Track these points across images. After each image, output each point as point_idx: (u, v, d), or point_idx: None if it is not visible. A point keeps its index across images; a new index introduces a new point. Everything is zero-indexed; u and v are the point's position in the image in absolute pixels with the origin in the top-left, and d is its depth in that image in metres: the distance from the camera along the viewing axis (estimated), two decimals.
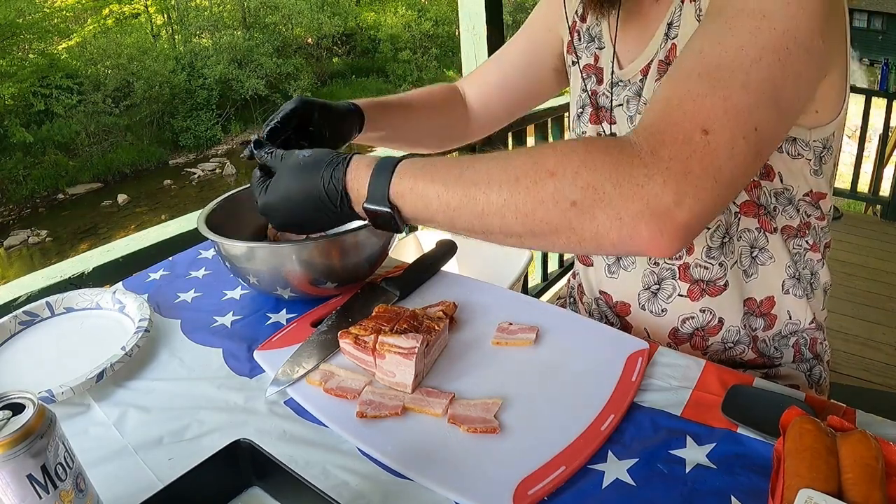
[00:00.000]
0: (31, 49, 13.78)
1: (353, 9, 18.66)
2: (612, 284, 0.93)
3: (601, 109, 0.91)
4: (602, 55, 0.91)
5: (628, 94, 0.86)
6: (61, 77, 13.37)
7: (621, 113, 0.87)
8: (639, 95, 0.84)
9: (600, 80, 0.91)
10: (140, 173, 13.90)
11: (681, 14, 0.77)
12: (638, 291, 0.89)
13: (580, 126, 0.96)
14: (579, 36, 0.95)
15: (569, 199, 0.55)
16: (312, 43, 17.81)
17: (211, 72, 15.23)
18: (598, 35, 0.91)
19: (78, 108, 13.34)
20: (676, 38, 0.77)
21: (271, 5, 16.67)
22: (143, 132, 14.51)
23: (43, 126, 13.04)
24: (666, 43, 0.79)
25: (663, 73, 0.78)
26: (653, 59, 0.81)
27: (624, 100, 0.87)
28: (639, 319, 0.91)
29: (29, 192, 12.46)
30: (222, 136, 15.24)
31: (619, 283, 0.92)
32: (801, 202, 0.81)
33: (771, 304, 0.85)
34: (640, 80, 0.83)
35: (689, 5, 0.76)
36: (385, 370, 0.69)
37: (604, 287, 0.95)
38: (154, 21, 16.55)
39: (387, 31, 18.68)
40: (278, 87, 16.13)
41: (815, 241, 0.84)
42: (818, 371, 0.89)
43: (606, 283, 0.94)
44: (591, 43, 0.93)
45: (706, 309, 0.85)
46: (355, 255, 0.85)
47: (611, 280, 0.93)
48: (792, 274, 0.83)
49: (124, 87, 14.30)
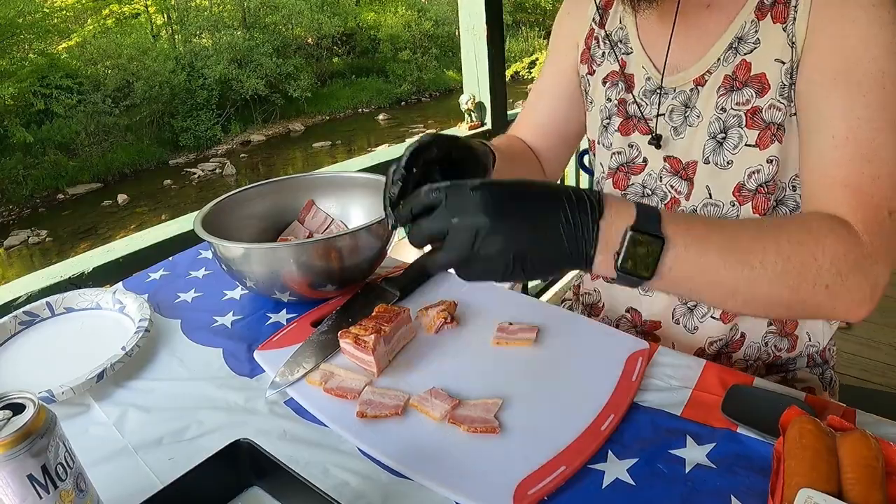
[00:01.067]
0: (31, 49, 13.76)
1: (353, 9, 18.64)
2: (646, 302, 0.91)
3: (632, 119, 0.87)
4: (630, 60, 0.87)
5: (673, 104, 0.82)
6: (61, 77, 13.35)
7: (664, 123, 0.83)
8: (686, 106, 0.81)
9: (630, 87, 0.87)
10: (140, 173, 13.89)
11: (757, 31, 0.74)
12: (674, 307, 0.88)
13: (607, 137, 0.91)
14: (597, 42, 0.91)
15: (825, 282, 0.60)
16: (312, 43, 17.80)
17: (211, 72, 15.21)
18: (624, 39, 0.87)
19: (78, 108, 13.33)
20: (752, 56, 0.74)
21: (271, 5, 16.66)
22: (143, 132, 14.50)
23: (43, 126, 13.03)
24: (735, 58, 0.75)
25: (730, 88, 0.76)
26: (710, 71, 0.78)
27: (667, 109, 0.83)
28: (668, 334, 0.90)
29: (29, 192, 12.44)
30: (222, 136, 15.22)
31: (653, 301, 0.90)
32: None
33: (794, 326, 0.86)
34: (692, 89, 0.80)
35: (771, 26, 0.72)
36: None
37: (634, 304, 0.92)
38: (154, 21, 16.53)
39: (387, 31, 18.66)
40: (278, 87, 16.10)
41: None
42: (829, 375, 0.91)
43: (637, 301, 0.92)
44: (614, 48, 0.88)
45: (734, 327, 0.86)
46: (354, 256, 0.85)
47: (645, 298, 0.91)
48: None
49: (124, 87, 14.28)
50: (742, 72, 0.75)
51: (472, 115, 2.36)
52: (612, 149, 0.91)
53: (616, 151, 0.90)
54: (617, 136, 0.89)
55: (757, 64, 0.74)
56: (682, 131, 0.82)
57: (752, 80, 0.75)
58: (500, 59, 2.33)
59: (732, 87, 0.76)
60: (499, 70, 2.34)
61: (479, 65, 2.31)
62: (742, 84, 0.75)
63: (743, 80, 0.75)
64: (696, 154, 0.81)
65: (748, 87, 0.75)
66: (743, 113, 0.76)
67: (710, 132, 0.79)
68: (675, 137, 0.83)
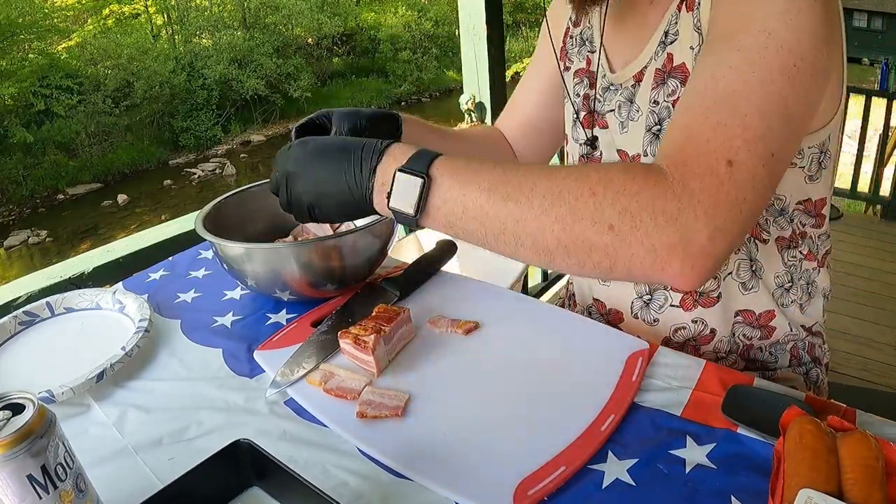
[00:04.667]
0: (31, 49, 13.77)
1: (353, 9, 18.65)
2: (605, 292, 0.93)
3: (594, 114, 0.90)
4: (594, 59, 0.90)
5: (620, 100, 0.84)
6: (61, 77, 13.36)
7: (613, 118, 0.86)
8: (630, 101, 0.82)
9: (592, 83, 0.90)
10: (140, 173, 13.90)
11: (677, 23, 0.75)
12: (631, 300, 0.89)
13: (575, 132, 0.94)
14: (573, 41, 0.94)
15: (607, 221, 0.55)
16: (312, 43, 17.80)
17: (211, 72, 15.22)
18: (590, 38, 0.90)
19: (78, 108, 13.34)
20: (673, 47, 0.76)
21: (271, 5, 16.66)
22: (143, 132, 14.51)
23: (43, 126, 13.04)
24: (662, 51, 0.77)
25: (660, 82, 0.77)
26: (647, 66, 0.79)
27: (616, 105, 0.85)
28: (631, 328, 0.90)
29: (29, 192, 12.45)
30: (222, 136, 15.23)
31: (612, 291, 0.92)
32: (795, 212, 0.80)
33: (767, 314, 0.84)
34: (633, 85, 0.82)
35: (685, 15, 0.74)
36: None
37: (596, 294, 0.95)
38: (154, 21, 16.54)
39: (387, 31, 18.67)
40: (278, 87, 16.11)
41: (810, 249, 0.83)
42: (815, 374, 0.89)
43: (599, 291, 0.94)
44: (582, 47, 0.92)
45: (698, 319, 0.85)
46: (355, 256, 0.85)
47: (603, 288, 0.93)
48: (788, 286, 0.83)
49: (124, 87, 14.29)
50: (668, 64, 0.76)
51: (472, 115, 2.36)
52: (579, 141, 0.94)
53: (581, 143, 0.94)
54: (580, 129, 0.92)
55: (678, 55, 0.75)
56: (626, 125, 0.84)
57: (675, 70, 0.75)
58: (500, 59, 2.33)
59: (663, 80, 0.77)
60: (499, 70, 2.34)
61: (479, 65, 2.31)
62: (668, 76, 0.76)
63: (668, 72, 0.76)
64: (638, 147, 0.82)
65: (673, 78, 0.76)
66: (671, 104, 0.76)
67: (646, 125, 0.80)
68: (622, 131, 0.85)
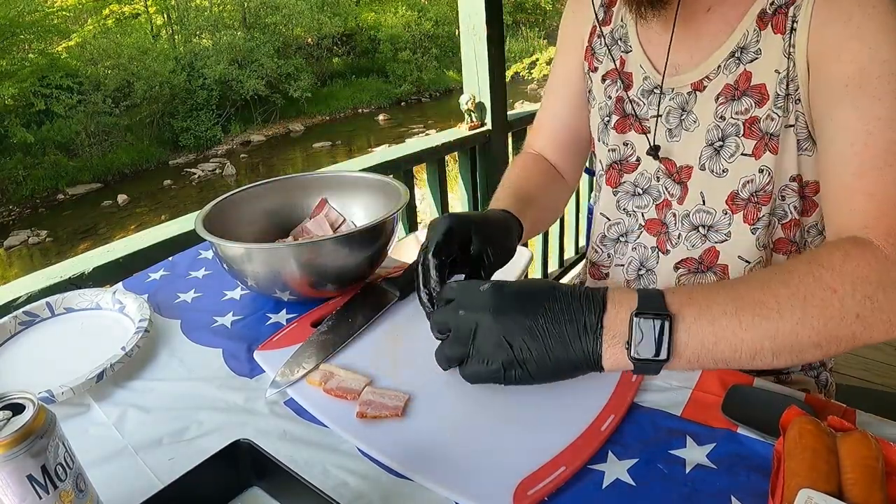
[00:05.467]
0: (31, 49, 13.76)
1: (353, 9, 18.63)
2: None
3: (628, 117, 0.87)
4: (629, 59, 0.87)
5: (670, 106, 0.82)
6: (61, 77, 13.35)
7: (660, 125, 0.83)
8: (683, 109, 0.80)
9: (628, 85, 0.87)
10: (140, 173, 13.88)
11: (759, 41, 0.73)
12: None
13: (605, 135, 0.91)
14: (601, 41, 0.91)
15: (854, 312, 0.56)
16: (312, 43, 17.79)
17: (211, 72, 15.20)
18: (624, 38, 0.88)
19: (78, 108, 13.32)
20: (753, 66, 0.74)
21: (271, 5, 16.65)
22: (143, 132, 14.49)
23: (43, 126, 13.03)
24: (737, 67, 0.75)
25: (730, 98, 0.76)
26: (711, 77, 0.77)
27: (664, 110, 0.82)
28: None
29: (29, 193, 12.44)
30: (222, 136, 15.21)
31: None
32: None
33: None
34: (689, 93, 0.80)
35: (772, 36, 0.72)
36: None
37: None
38: (154, 21, 16.52)
39: (387, 31, 18.65)
40: (278, 87, 16.10)
41: None
42: (825, 377, 0.90)
43: None
44: (614, 46, 0.89)
45: None
46: (355, 256, 0.85)
47: None
48: None
49: (124, 87, 14.28)
50: (743, 81, 0.75)
51: (472, 116, 2.36)
52: (609, 146, 0.91)
53: (611, 149, 0.91)
54: (613, 133, 0.90)
55: (757, 74, 0.74)
56: (676, 134, 0.82)
57: (751, 89, 0.74)
58: (500, 59, 2.34)
59: (733, 97, 0.76)
60: (499, 70, 2.34)
61: (479, 65, 2.31)
62: (742, 93, 0.75)
63: (743, 90, 0.75)
64: (691, 159, 0.81)
65: (748, 96, 0.75)
66: (741, 122, 0.75)
67: (707, 139, 0.79)
68: (670, 140, 0.83)
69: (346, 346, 0.77)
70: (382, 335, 0.80)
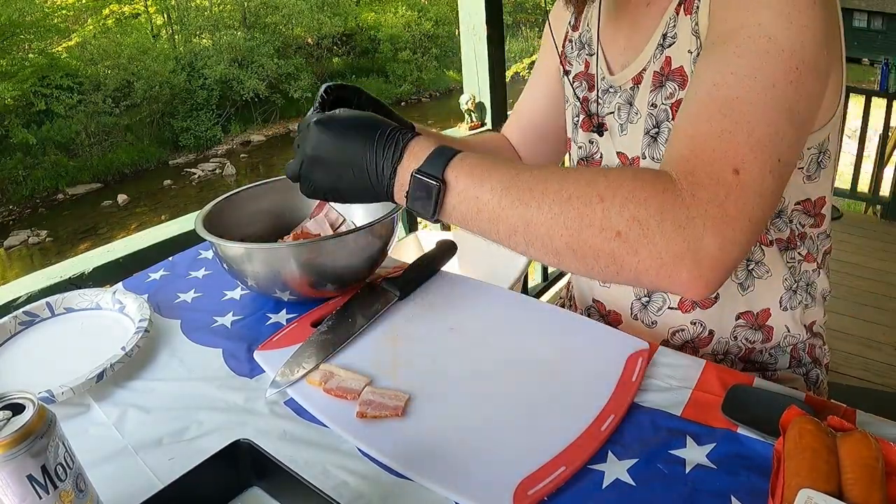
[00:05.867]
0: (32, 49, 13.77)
1: (353, 9, 18.64)
2: (605, 293, 0.93)
3: (593, 116, 0.90)
4: (592, 61, 0.90)
5: (619, 102, 0.85)
6: (61, 77, 13.36)
7: (612, 121, 0.86)
8: (630, 104, 0.83)
9: (592, 86, 0.90)
10: (140, 173, 13.89)
11: (675, 26, 0.75)
12: (630, 302, 0.89)
13: (576, 135, 0.95)
14: (571, 45, 0.94)
15: (615, 228, 0.55)
16: (312, 43, 17.80)
17: (211, 72, 15.21)
18: (589, 41, 0.91)
19: (78, 108, 13.33)
20: (671, 50, 0.75)
21: (271, 5, 16.65)
22: (143, 132, 14.50)
23: (43, 126, 13.04)
24: (660, 54, 0.77)
25: (658, 85, 0.77)
26: (646, 68, 0.79)
27: (615, 107, 0.85)
28: (630, 329, 0.89)
29: (29, 192, 12.45)
30: (222, 136, 15.23)
31: (612, 293, 0.92)
32: (794, 212, 0.80)
33: (767, 316, 0.84)
34: (631, 88, 0.82)
35: (684, 18, 0.73)
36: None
37: (596, 296, 0.95)
38: (154, 21, 16.53)
39: (387, 31, 18.66)
40: (278, 87, 16.11)
41: (808, 250, 0.83)
42: (815, 374, 0.89)
43: (599, 292, 0.94)
44: (581, 50, 0.92)
45: (697, 321, 0.85)
46: (355, 256, 0.85)
47: (603, 289, 0.93)
48: (788, 286, 0.83)
49: (124, 87, 14.29)
50: (666, 67, 0.76)
51: (472, 116, 2.36)
52: (578, 143, 0.94)
53: (580, 146, 0.94)
54: (580, 132, 0.93)
55: (675, 58, 0.75)
56: (625, 128, 0.85)
57: (672, 73, 0.76)
58: (500, 59, 2.34)
59: (660, 83, 0.77)
60: (499, 70, 2.34)
61: (479, 65, 2.31)
62: (666, 79, 0.76)
63: (666, 75, 0.76)
64: (637, 150, 0.83)
65: (671, 80, 0.76)
66: (669, 107, 0.76)
67: (645, 128, 0.81)
68: (621, 134, 0.85)
69: (346, 346, 0.77)
70: (382, 335, 0.80)
